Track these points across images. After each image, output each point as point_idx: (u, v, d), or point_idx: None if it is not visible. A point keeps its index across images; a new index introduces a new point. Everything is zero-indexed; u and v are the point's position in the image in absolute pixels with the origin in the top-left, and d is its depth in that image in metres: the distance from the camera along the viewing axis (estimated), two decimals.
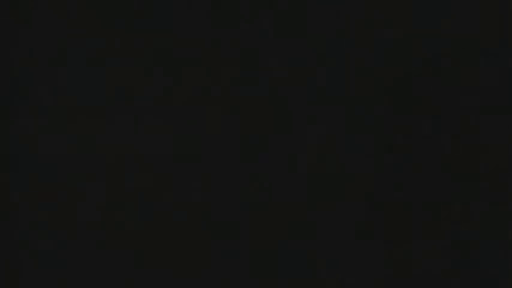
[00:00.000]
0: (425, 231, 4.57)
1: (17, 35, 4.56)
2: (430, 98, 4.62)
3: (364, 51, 4.64)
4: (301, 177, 4.60)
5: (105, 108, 4.61)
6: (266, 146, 4.62)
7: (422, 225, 4.57)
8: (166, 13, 4.62)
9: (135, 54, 4.63)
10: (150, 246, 4.58)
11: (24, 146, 4.57)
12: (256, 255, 4.58)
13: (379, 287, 4.55)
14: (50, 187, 4.57)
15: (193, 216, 4.59)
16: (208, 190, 4.60)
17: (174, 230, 4.59)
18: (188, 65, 4.64)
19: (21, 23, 4.58)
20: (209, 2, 4.64)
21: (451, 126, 4.60)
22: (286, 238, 4.59)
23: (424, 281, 4.55)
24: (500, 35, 4.62)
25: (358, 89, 4.64)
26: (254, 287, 4.57)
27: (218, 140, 4.62)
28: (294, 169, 4.61)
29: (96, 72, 4.62)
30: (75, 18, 4.62)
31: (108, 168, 4.59)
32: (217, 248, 4.59)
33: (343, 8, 4.64)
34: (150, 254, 4.58)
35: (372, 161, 4.60)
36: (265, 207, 4.60)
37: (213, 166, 4.62)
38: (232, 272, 4.57)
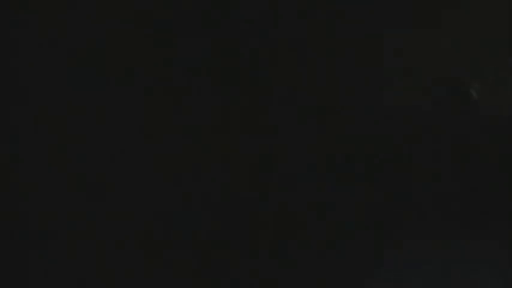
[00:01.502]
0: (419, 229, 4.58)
1: (17, 34, 4.58)
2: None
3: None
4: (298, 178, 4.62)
5: (105, 108, 4.62)
6: (265, 146, 4.63)
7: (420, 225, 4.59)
8: (168, 13, 4.64)
9: (134, 54, 4.64)
10: (151, 246, 4.60)
11: (24, 146, 4.58)
12: (256, 255, 4.59)
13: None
14: (50, 186, 4.58)
15: (192, 216, 4.61)
16: (207, 190, 4.62)
17: (174, 230, 4.60)
18: (188, 65, 4.65)
19: (22, 23, 4.59)
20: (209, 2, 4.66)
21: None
22: (286, 238, 4.60)
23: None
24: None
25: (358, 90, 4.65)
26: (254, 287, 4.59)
27: (217, 140, 4.63)
28: (294, 170, 4.62)
29: (95, 72, 4.63)
30: (75, 18, 4.63)
31: (107, 169, 4.60)
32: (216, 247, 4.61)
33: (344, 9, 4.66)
34: (151, 254, 4.59)
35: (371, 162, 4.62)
36: (263, 208, 4.61)
37: (212, 167, 4.63)
38: (232, 271, 4.59)
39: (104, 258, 4.57)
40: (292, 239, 4.60)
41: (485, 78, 4.53)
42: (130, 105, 4.63)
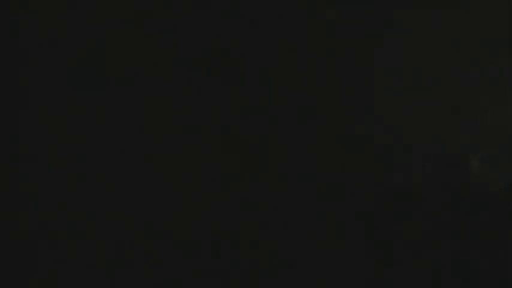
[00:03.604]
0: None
1: (17, 35, 4.58)
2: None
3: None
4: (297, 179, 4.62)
5: (105, 109, 4.62)
6: (265, 147, 4.63)
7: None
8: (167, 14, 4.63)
9: (134, 54, 4.64)
10: (153, 248, 4.60)
11: (24, 146, 4.58)
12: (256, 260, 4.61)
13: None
14: (51, 187, 4.58)
15: (192, 216, 4.61)
16: (207, 192, 4.62)
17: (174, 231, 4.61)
18: (187, 65, 4.65)
19: (22, 22, 4.59)
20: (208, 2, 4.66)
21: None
22: (284, 239, 4.60)
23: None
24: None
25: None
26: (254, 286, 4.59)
27: (217, 141, 4.63)
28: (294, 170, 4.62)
29: (96, 72, 4.63)
30: (75, 18, 4.63)
31: (108, 170, 4.60)
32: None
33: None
34: (151, 254, 4.60)
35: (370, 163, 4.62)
36: (263, 209, 4.61)
37: (212, 168, 4.63)
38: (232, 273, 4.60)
39: (103, 258, 4.58)
40: (290, 239, 4.61)
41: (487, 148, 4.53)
42: (130, 105, 4.63)
